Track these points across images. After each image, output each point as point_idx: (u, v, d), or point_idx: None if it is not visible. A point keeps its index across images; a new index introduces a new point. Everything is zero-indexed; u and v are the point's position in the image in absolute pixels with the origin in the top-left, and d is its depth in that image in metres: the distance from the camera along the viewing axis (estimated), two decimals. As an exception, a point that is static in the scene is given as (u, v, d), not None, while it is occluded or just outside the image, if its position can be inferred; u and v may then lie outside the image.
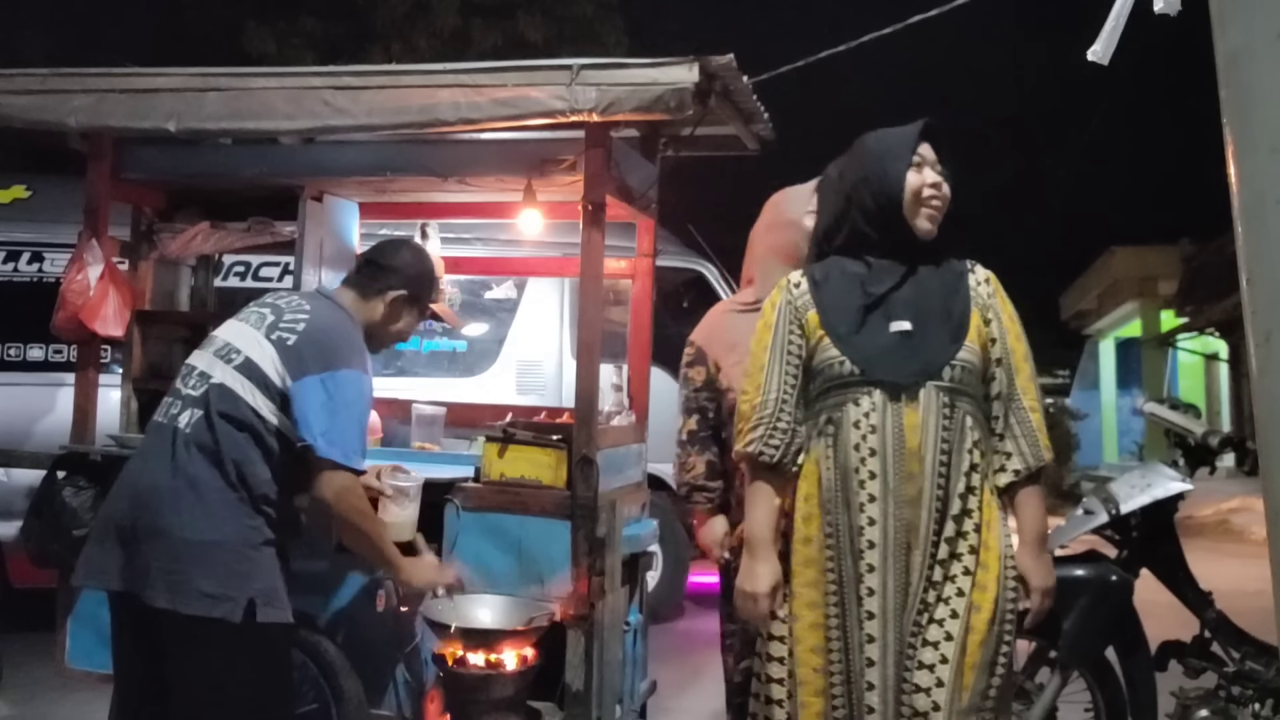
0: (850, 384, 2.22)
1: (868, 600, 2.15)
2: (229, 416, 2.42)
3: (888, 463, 2.17)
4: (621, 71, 3.14)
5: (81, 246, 3.75)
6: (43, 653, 3.81)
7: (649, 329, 3.96)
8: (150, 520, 2.37)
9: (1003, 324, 2.30)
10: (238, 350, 2.50)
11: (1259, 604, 2.85)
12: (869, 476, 2.17)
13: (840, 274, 2.31)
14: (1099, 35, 3.23)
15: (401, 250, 2.84)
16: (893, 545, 2.15)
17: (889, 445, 2.17)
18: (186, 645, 2.36)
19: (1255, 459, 2.68)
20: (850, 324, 2.24)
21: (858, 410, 2.20)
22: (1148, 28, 3.21)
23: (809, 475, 2.25)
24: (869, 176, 2.29)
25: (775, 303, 2.35)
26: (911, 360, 2.20)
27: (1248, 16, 2.26)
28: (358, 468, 2.49)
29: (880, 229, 2.28)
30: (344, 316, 2.64)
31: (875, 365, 2.21)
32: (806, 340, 2.29)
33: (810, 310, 2.29)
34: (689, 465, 2.96)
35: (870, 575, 2.16)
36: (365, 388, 2.54)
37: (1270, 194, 2.21)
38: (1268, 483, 2.29)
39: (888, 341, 2.22)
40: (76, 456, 3.49)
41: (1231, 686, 3.22)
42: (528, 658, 2.95)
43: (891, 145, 2.32)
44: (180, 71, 3.59)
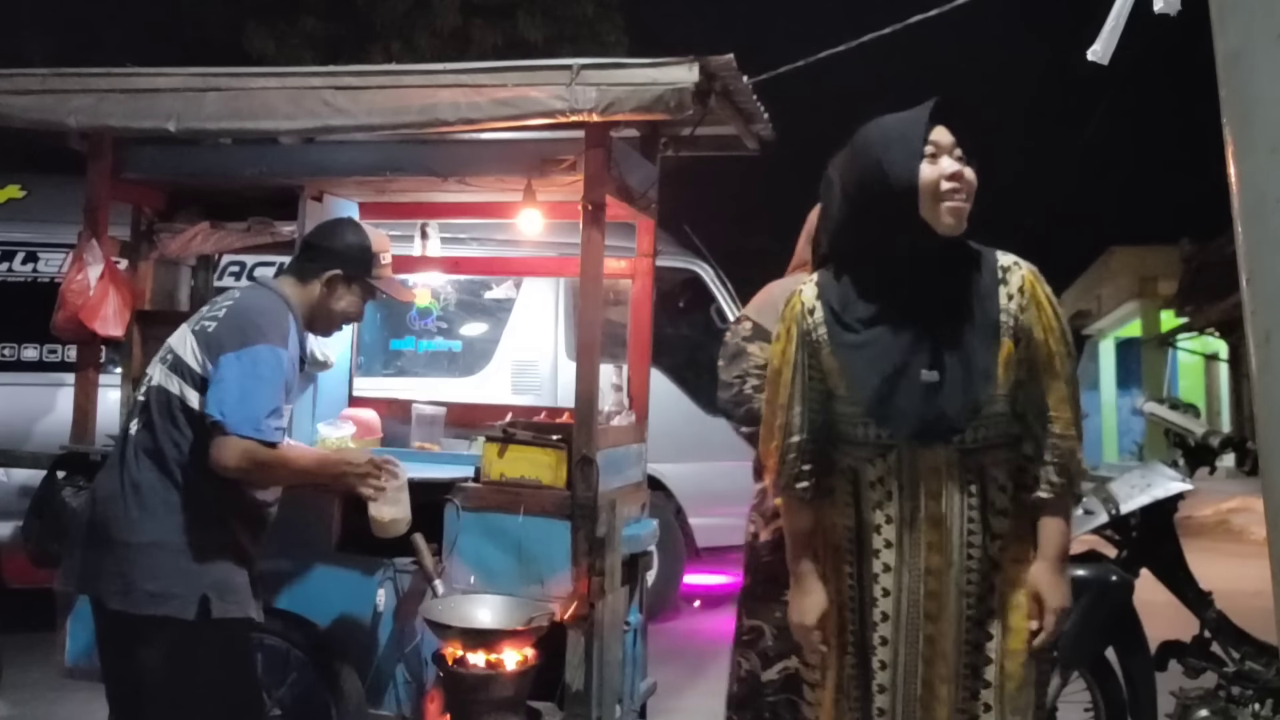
0: (866, 443, 2.09)
1: (879, 674, 2.09)
2: (166, 415, 2.46)
3: (904, 532, 2.06)
4: (621, 71, 3.14)
5: (81, 246, 3.75)
6: (43, 653, 3.81)
7: (649, 329, 3.96)
8: (102, 526, 2.44)
9: (1034, 341, 2.07)
10: (171, 350, 2.55)
11: (1259, 604, 2.85)
12: (884, 546, 2.08)
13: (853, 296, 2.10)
14: (1099, 35, 3.23)
15: (335, 229, 2.82)
16: (905, 620, 2.06)
17: (904, 514, 2.06)
18: (144, 644, 2.40)
19: (1255, 459, 2.68)
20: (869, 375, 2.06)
21: (873, 471, 2.08)
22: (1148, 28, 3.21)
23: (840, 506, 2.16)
24: (874, 176, 2.02)
25: (790, 328, 2.17)
26: (938, 419, 2.02)
27: (1248, 16, 2.26)
28: (267, 439, 2.41)
29: (896, 233, 2.03)
30: (271, 298, 2.62)
31: (896, 427, 2.04)
32: (825, 376, 2.14)
33: (825, 350, 2.12)
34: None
35: (882, 648, 2.08)
36: (281, 361, 2.48)
37: (1270, 194, 2.21)
38: (1268, 483, 2.29)
39: (913, 398, 2.02)
40: (76, 456, 3.49)
41: (1231, 686, 3.22)
42: (528, 658, 2.95)
43: (898, 135, 2.03)
44: (180, 71, 3.59)
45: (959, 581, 2.05)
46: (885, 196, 2.01)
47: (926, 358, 2.02)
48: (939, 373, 2.01)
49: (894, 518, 2.07)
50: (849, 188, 2.10)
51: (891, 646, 2.08)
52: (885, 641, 2.08)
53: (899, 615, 2.07)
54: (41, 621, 3.70)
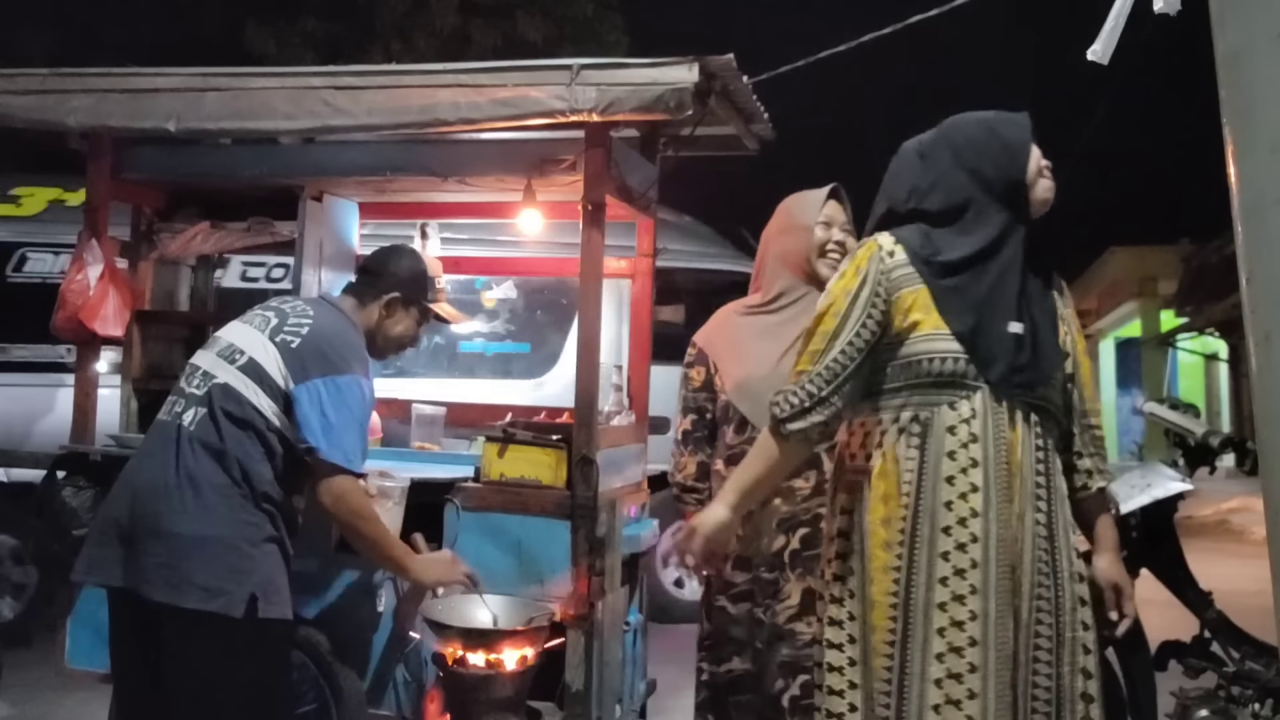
0: (950, 383, 2.04)
1: (970, 625, 1.97)
2: (232, 415, 2.45)
3: (990, 476, 2.01)
4: (621, 71, 3.14)
5: (81, 246, 3.76)
6: (43, 653, 3.81)
7: (649, 329, 3.96)
8: (150, 517, 2.39)
9: (1074, 337, 2.22)
10: (241, 351, 2.54)
11: (1259, 604, 2.85)
12: (970, 489, 2.01)
13: (946, 245, 2.11)
14: (1099, 35, 3.23)
15: (393, 255, 2.90)
16: (995, 566, 1.99)
17: (991, 458, 2.01)
18: (184, 639, 2.37)
19: (1255, 459, 2.68)
20: (967, 315, 2.06)
21: (954, 414, 2.03)
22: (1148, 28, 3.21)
23: (887, 475, 2.08)
24: (985, 143, 2.14)
25: (861, 266, 2.12)
26: (1027, 369, 2.05)
27: (1247, 16, 2.26)
28: (358, 470, 2.53)
29: (996, 195, 2.11)
30: (346, 322, 2.69)
31: (993, 368, 2.04)
32: (890, 321, 2.09)
33: (907, 288, 2.09)
34: (681, 465, 2.95)
35: (973, 597, 1.98)
36: (366, 392, 2.57)
37: (1270, 194, 2.21)
38: (1268, 483, 2.29)
39: (1006, 343, 2.05)
40: (76, 456, 3.49)
41: (1231, 686, 3.22)
42: (528, 658, 2.95)
43: (1009, 120, 2.19)
44: (180, 71, 3.59)
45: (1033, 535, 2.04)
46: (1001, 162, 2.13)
47: (1014, 313, 2.09)
48: (1024, 329, 2.09)
49: (979, 461, 2.01)
50: (954, 152, 2.16)
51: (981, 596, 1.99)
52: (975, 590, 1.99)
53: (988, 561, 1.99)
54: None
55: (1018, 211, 2.14)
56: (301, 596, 3.12)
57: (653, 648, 3.92)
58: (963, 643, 1.97)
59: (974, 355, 2.04)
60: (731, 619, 2.80)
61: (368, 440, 2.59)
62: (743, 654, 2.79)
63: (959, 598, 1.99)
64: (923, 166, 2.19)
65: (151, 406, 3.78)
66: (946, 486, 2.02)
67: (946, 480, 2.02)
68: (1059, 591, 2.05)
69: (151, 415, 2.70)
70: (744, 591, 2.79)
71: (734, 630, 2.81)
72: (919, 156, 2.22)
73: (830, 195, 2.89)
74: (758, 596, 2.76)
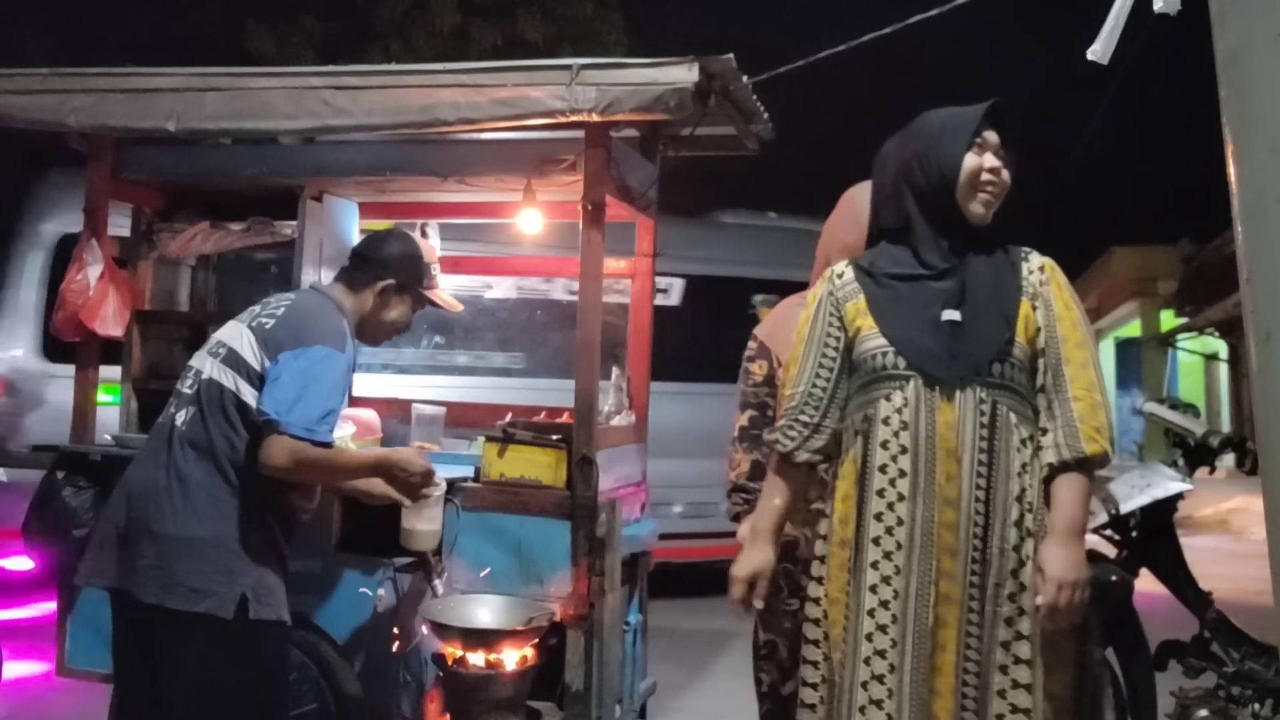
0: (887, 377, 2.12)
1: (893, 604, 2.04)
2: (218, 409, 2.44)
3: (919, 461, 2.06)
4: (621, 71, 3.14)
5: (81, 246, 3.76)
6: (43, 653, 3.81)
7: (649, 329, 3.96)
8: (141, 519, 2.40)
9: (1053, 312, 2.17)
10: (224, 344, 2.54)
11: (1259, 604, 2.85)
12: (899, 475, 2.07)
13: (888, 260, 2.20)
14: (1099, 35, 3.23)
15: (388, 240, 2.84)
16: (920, 548, 2.04)
17: (921, 444, 2.07)
18: (176, 641, 2.37)
19: (1255, 459, 2.68)
20: (895, 312, 2.14)
21: (889, 405, 2.10)
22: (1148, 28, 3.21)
23: (847, 475, 2.16)
24: (924, 153, 2.18)
25: (817, 294, 2.27)
26: (958, 355, 2.09)
27: (1247, 16, 2.26)
28: (319, 440, 2.40)
29: (930, 210, 2.17)
30: (327, 303, 2.65)
31: (919, 356, 2.10)
32: (845, 332, 2.20)
33: (852, 300, 2.20)
34: (735, 462, 2.81)
35: (896, 578, 2.05)
36: (339, 364, 2.49)
37: (1270, 194, 2.21)
38: (1268, 483, 2.29)
39: (934, 332, 2.11)
40: (76, 456, 3.49)
41: (1231, 686, 3.22)
42: (528, 658, 2.95)
43: (952, 124, 2.20)
44: (180, 71, 3.59)
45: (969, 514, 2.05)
46: (930, 173, 2.17)
47: (951, 302, 2.13)
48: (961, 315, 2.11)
49: (909, 448, 2.07)
50: (900, 161, 2.23)
51: (904, 576, 2.05)
52: (899, 571, 2.05)
53: (912, 543, 2.05)
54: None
55: (953, 223, 2.17)
56: (301, 596, 3.13)
57: (653, 648, 3.93)
58: (886, 620, 2.06)
59: (899, 347, 2.12)
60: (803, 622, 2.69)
61: (337, 412, 2.48)
62: None
63: (885, 579, 2.07)
64: (882, 180, 2.28)
65: (151, 406, 3.79)
66: (879, 475, 2.10)
67: (879, 469, 2.10)
68: (987, 570, 2.06)
69: (151, 415, 2.70)
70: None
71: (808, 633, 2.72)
72: (882, 167, 2.30)
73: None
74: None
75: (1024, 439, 2.10)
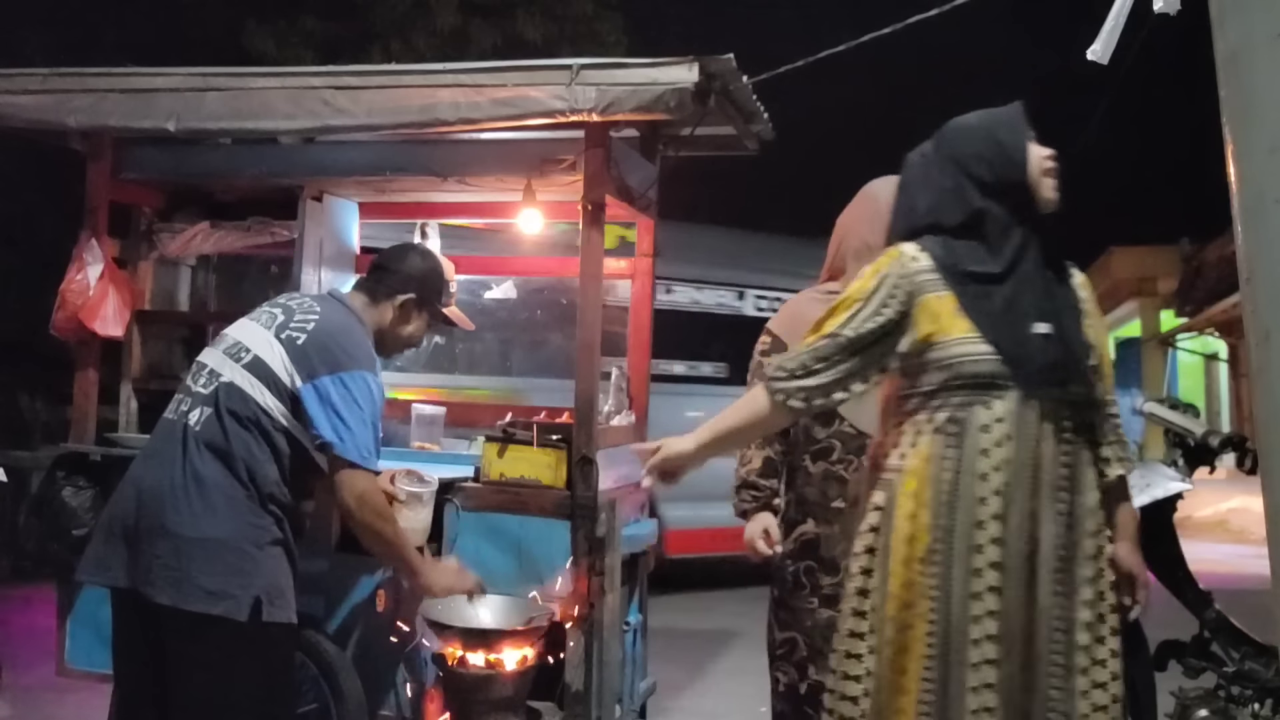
0: (986, 385, 2.10)
1: (986, 621, 2.04)
2: (238, 415, 2.42)
3: (1022, 473, 2.07)
4: (621, 71, 3.14)
5: (81, 246, 3.76)
6: (43, 653, 3.81)
7: (649, 329, 3.96)
8: (154, 517, 2.37)
9: (1097, 328, 2.24)
10: (247, 349, 2.51)
11: (1259, 604, 2.85)
12: (1004, 485, 2.07)
13: (965, 255, 2.17)
14: (1099, 35, 3.23)
15: (409, 254, 2.84)
16: (1017, 563, 2.05)
17: (1024, 456, 2.07)
18: (187, 642, 2.36)
19: (1255, 459, 2.68)
20: (991, 317, 2.12)
21: (988, 413, 2.09)
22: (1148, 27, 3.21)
23: (917, 472, 2.13)
24: (984, 151, 2.18)
25: (880, 269, 2.20)
26: (1057, 367, 2.11)
27: (1247, 16, 2.26)
28: (373, 468, 2.50)
29: (1004, 199, 2.16)
30: (353, 319, 2.65)
31: (1023, 367, 2.09)
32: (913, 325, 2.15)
33: (932, 294, 2.15)
34: (746, 458, 2.76)
35: (990, 596, 2.05)
36: (374, 389, 2.53)
37: (1270, 194, 2.21)
38: (1268, 483, 2.29)
39: (1034, 344, 2.11)
40: (76, 456, 3.49)
41: (1231, 686, 3.22)
42: (528, 658, 2.95)
43: (1003, 120, 2.23)
44: (180, 71, 3.59)
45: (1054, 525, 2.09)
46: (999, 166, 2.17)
47: (1038, 313, 2.13)
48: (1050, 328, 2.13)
49: (1012, 459, 2.07)
50: (956, 163, 2.22)
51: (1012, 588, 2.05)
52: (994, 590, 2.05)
53: (1009, 559, 2.06)
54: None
55: (1028, 213, 2.18)
56: (302, 596, 3.12)
57: (653, 648, 3.93)
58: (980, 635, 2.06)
59: (1005, 357, 2.10)
60: (821, 624, 2.66)
61: (380, 438, 2.55)
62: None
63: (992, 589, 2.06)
64: (932, 181, 2.25)
65: (151, 406, 3.79)
66: (980, 482, 2.08)
67: (980, 477, 2.08)
68: (1073, 579, 2.10)
69: (151, 415, 2.69)
70: (831, 595, 2.63)
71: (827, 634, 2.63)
72: (925, 170, 2.27)
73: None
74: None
75: (1095, 453, 2.18)
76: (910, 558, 2.12)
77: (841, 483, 2.67)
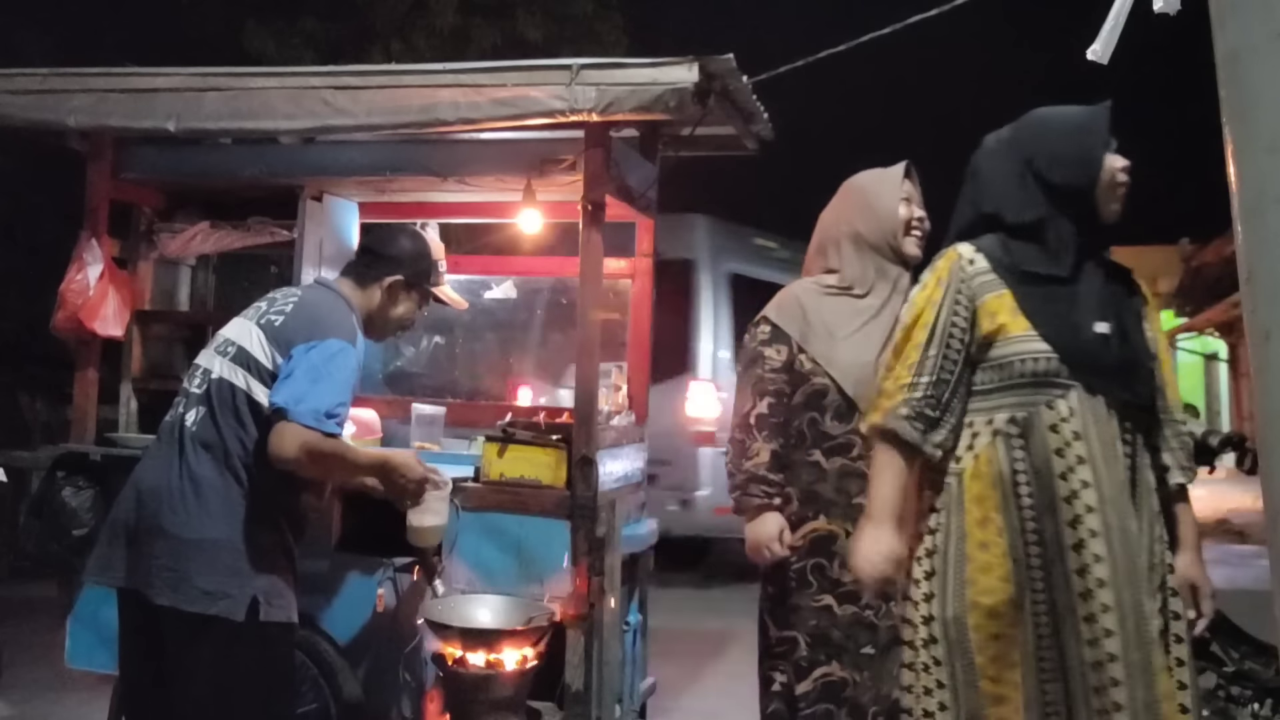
0: (1044, 383, 2.08)
1: (1103, 617, 2.02)
2: (228, 407, 2.43)
3: (1100, 471, 2.04)
4: (621, 71, 3.14)
5: (81, 246, 3.76)
6: (43, 653, 3.81)
7: (649, 329, 3.96)
8: (153, 519, 2.39)
9: (1157, 337, 2.21)
10: (233, 342, 2.52)
11: (1259, 604, 2.85)
12: (1081, 486, 2.04)
13: (1024, 255, 2.14)
14: (1099, 34, 3.23)
15: (397, 237, 2.82)
16: (1121, 558, 2.03)
17: (1098, 452, 2.04)
18: (187, 641, 2.37)
19: (1255, 459, 2.68)
20: (1051, 315, 2.10)
21: (1053, 413, 2.06)
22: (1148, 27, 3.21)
23: (981, 476, 2.10)
24: (1060, 152, 2.14)
25: (942, 277, 2.17)
26: (1118, 367, 2.09)
27: (1247, 16, 2.26)
28: (329, 431, 2.37)
29: (1068, 208, 2.13)
30: (335, 297, 2.64)
31: (1085, 366, 2.07)
32: (976, 326, 2.13)
33: (991, 294, 2.13)
34: (753, 451, 2.65)
35: (1102, 590, 2.02)
36: (349, 358, 2.48)
37: (1270, 193, 2.21)
38: (1268, 483, 2.29)
39: (1093, 341, 2.08)
40: (76, 456, 3.49)
41: (1231, 686, 3.22)
42: (528, 658, 2.95)
43: (1085, 123, 2.18)
44: (180, 71, 3.59)
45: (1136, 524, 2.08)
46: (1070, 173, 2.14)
47: (1099, 314, 2.11)
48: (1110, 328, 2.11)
49: (1086, 459, 2.05)
50: (1027, 159, 2.19)
51: (1112, 589, 2.02)
52: (1103, 583, 2.02)
53: (1113, 554, 2.03)
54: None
55: (1091, 223, 2.16)
56: (302, 596, 3.13)
57: (653, 648, 3.92)
58: (1099, 635, 2.02)
59: (1065, 355, 2.07)
60: (834, 621, 2.63)
61: (347, 405, 2.46)
62: (841, 658, 2.62)
63: (1087, 593, 2.03)
64: (1002, 172, 2.22)
65: (151, 407, 3.79)
66: (1061, 483, 2.06)
67: (1060, 477, 2.06)
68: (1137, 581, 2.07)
69: (151, 415, 2.70)
70: (851, 592, 2.59)
71: (834, 634, 2.63)
72: (997, 159, 2.24)
73: (905, 174, 2.80)
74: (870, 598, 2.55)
75: (1153, 457, 2.16)
76: (986, 565, 2.07)
77: (862, 478, 2.56)
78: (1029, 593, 2.06)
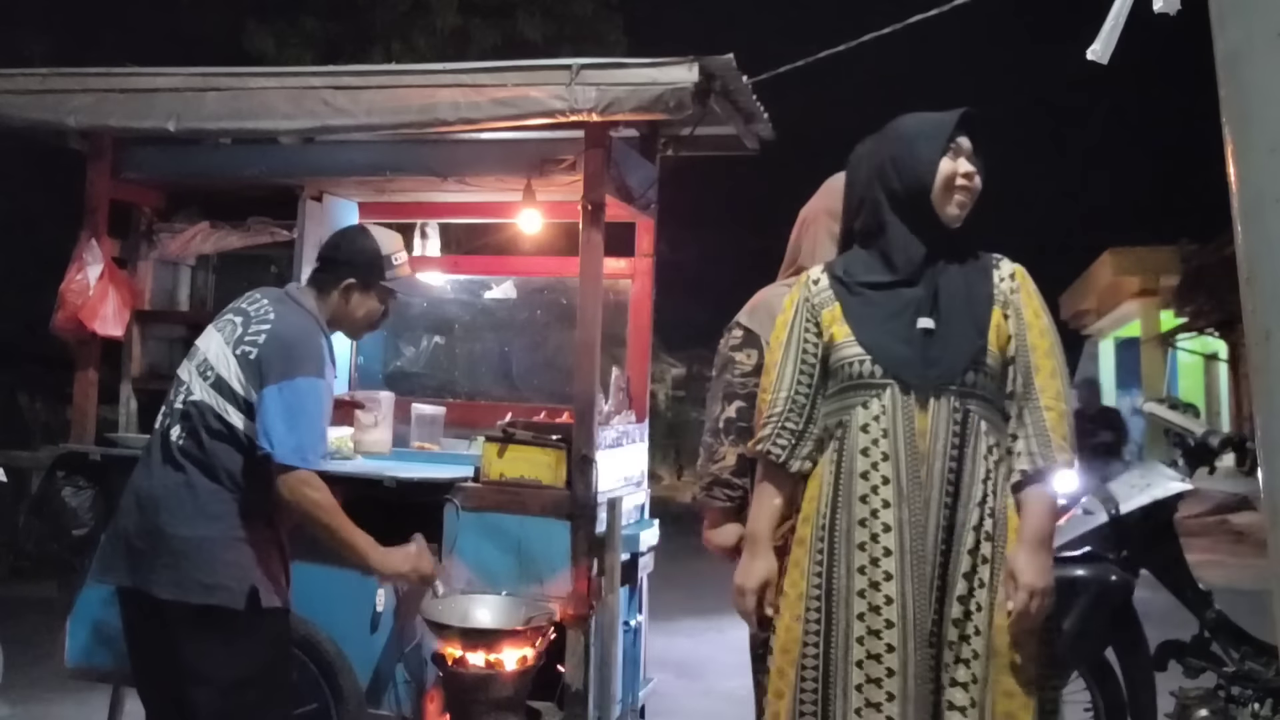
0: (864, 385, 2.15)
1: (885, 609, 2.06)
2: (211, 430, 2.53)
3: (901, 467, 2.10)
4: (621, 71, 3.14)
5: (81, 246, 3.76)
6: (43, 653, 3.81)
7: (649, 329, 3.96)
8: (153, 522, 2.50)
9: (1023, 320, 2.20)
10: (212, 368, 2.59)
11: (1258, 604, 2.85)
12: (882, 482, 2.10)
13: (860, 267, 2.23)
14: (1099, 35, 3.23)
15: (343, 239, 2.82)
16: (910, 552, 2.08)
17: (901, 450, 2.10)
18: (192, 632, 2.47)
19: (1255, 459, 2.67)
20: (869, 319, 2.18)
21: (867, 413, 2.14)
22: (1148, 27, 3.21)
23: (817, 477, 2.20)
24: (899, 157, 2.22)
25: (794, 299, 2.29)
26: (933, 362, 2.13)
27: (1247, 16, 2.25)
28: (313, 467, 2.52)
29: (905, 212, 2.20)
30: (306, 320, 2.66)
31: (894, 364, 2.13)
32: (821, 338, 2.23)
33: (828, 307, 2.23)
34: (719, 455, 2.64)
35: (888, 583, 2.07)
36: (322, 394, 2.58)
37: (1270, 193, 2.20)
38: (1268, 483, 2.29)
39: (909, 340, 2.14)
40: (76, 456, 3.49)
41: (1231, 686, 3.22)
42: (528, 658, 2.95)
43: (927, 128, 2.24)
44: (180, 71, 3.59)
45: (936, 518, 2.09)
46: (906, 176, 2.20)
47: (925, 310, 2.16)
48: (934, 324, 2.15)
49: (890, 454, 2.11)
50: (875, 163, 2.26)
51: (898, 581, 2.07)
52: (890, 576, 2.07)
53: (903, 548, 2.08)
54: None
55: (928, 227, 2.20)
56: (301, 596, 3.13)
57: (653, 648, 3.92)
58: (880, 626, 2.07)
59: (876, 356, 2.15)
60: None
61: (325, 439, 2.60)
62: None
63: (874, 584, 2.09)
64: (859, 181, 2.30)
65: (151, 407, 3.78)
66: (861, 481, 2.13)
67: (861, 476, 2.13)
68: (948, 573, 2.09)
69: (151, 415, 2.73)
70: None
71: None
72: (859, 169, 2.31)
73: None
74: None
75: (990, 446, 2.14)
76: (796, 560, 2.18)
77: None
78: (809, 586, 2.14)
